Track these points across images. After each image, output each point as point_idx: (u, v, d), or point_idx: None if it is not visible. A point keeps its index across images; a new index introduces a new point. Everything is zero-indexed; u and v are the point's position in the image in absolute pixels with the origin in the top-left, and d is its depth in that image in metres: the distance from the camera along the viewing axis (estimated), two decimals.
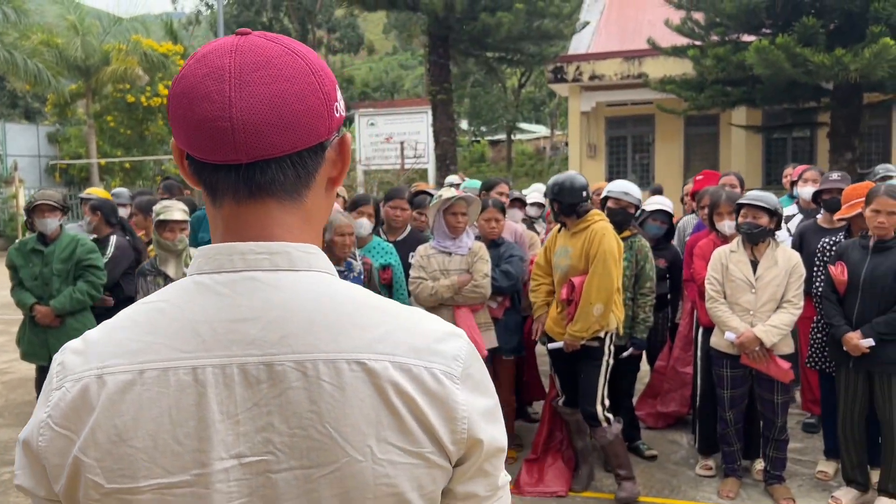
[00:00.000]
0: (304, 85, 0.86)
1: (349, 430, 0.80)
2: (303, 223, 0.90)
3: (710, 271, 4.13)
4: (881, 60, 11.37)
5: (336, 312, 0.84)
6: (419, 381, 0.82)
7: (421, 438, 0.82)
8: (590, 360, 4.13)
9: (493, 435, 0.88)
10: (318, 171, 0.91)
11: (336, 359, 0.81)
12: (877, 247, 3.80)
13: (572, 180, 4.16)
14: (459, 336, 0.89)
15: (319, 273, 0.88)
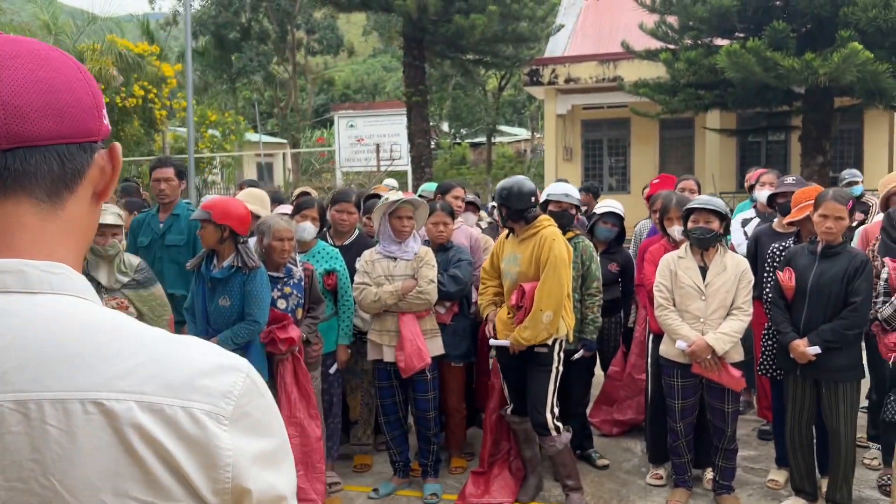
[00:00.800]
0: (72, 78, 0.80)
1: (77, 483, 0.69)
2: (60, 234, 0.79)
3: (659, 278, 4.05)
4: (849, 65, 11.42)
5: (77, 343, 0.73)
6: (173, 424, 0.72)
7: (172, 490, 0.72)
8: (538, 367, 4.03)
9: (268, 483, 0.77)
10: (85, 174, 0.81)
11: (67, 398, 0.70)
12: (825, 252, 3.74)
13: (520, 185, 4.06)
14: (236, 369, 0.78)
15: (63, 296, 0.77)
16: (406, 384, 4.25)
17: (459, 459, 4.68)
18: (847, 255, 3.69)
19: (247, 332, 3.60)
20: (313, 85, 39.94)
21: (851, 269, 3.63)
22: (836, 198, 3.68)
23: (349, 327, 4.43)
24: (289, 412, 3.86)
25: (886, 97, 12.57)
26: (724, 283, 3.89)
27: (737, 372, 3.87)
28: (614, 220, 4.98)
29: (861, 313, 3.60)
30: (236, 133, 28.21)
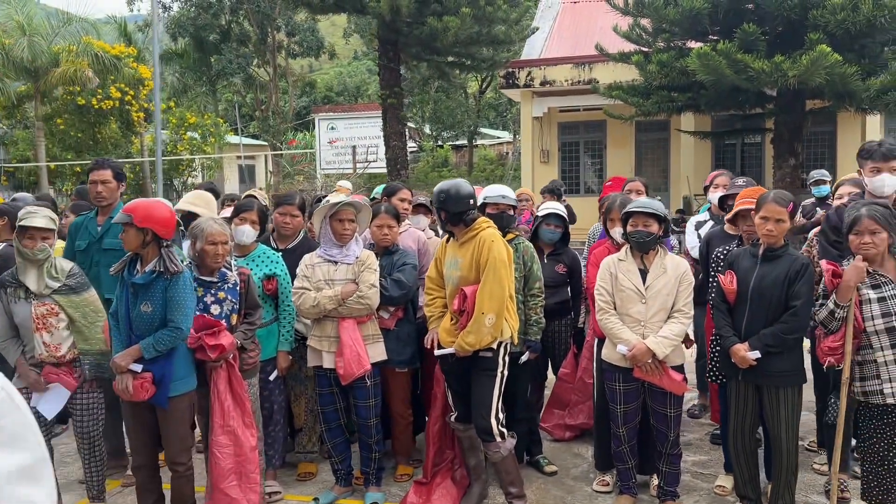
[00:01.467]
0: None
1: None
2: None
3: (599, 281, 3.99)
4: (818, 67, 11.46)
5: None
6: None
7: None
8: (483, 372, 3.96)
9: (24, 497, 0.72)
10: None
11: None
12: (766, 255, 3.69)
13: (458, 188, 3.98)
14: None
15: None
16: (347, 391, 4.16)
17: (406, 467, 4.59)
18: (788, 258, 3.64)
19: (169, 339, 3.50)
20: (294, 87, 39.76)
21: (792, 273, 3.58)
22: (776, 200, 3.64)
23: (290, 333, 4.33)
24: (222, 420, 3.76)
25: (855, 99, 12.63)
26: (664, 285, 3.83)
27: (678, 375, 3.81)
28: (557, 222, 4.92)
29: (801, 317, 3.55)
30: (216, 135, 28.01)
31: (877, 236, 3.40)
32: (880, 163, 3.78)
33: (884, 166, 3.78)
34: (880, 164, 3.78)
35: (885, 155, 3.77)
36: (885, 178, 3.78)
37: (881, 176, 3.79)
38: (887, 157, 3.76)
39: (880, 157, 3.79)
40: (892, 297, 3.39)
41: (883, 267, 3.46)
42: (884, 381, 3.40)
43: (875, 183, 3.82)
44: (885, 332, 3.39)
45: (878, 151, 3.79)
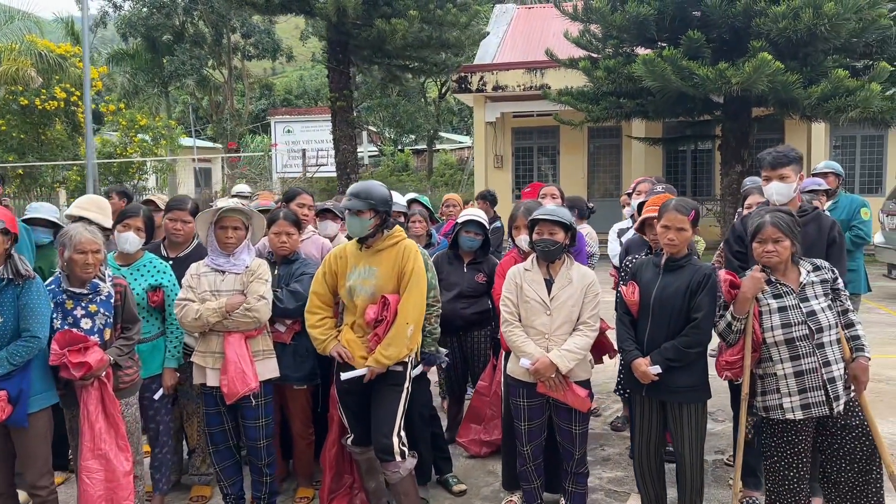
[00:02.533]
0: None
1: None
2: None
3: (505, 292, 3.80)
4: (760, 75, 11.51)
5: None
6: None
7: None
8: (390, 387, 3.74)
9: None
10: None
11: None
12: (668, 265, 3.54)
13: (368, 191, 3.78)
14: None
15: None
16: (235, 410, 3.90)
17: (307, 489, 4.34)
18: (691, 268, 3.50)
19: (25, 351, 3.22)
20: (251, 90, 39.16)
21: (694, 283, 3.44)
22: (677, 208, 3.49)
23: (178, 348, 4.06)
24: (92, 444, 3.48)
25: (798, 107, 12.74)
26: (570, 296, 3.66)
27: (582, 391, 3.64)
28: (476, 229, 4.74)
29: (702, 330, 3.40)
30: (167, 138, 27.38)
31: (780, 244, 3.27)
32: (769, 171, 3.65)
33: (772, 174, 3.64)
34: (769, 173, 3.66)
35: (771, 164, 3.64)
36: (773, 187, 3.65)
37: (770, 185, 3.67)
38: (774, 165, 3.63)
39: (768, 166, 3.64)
40: (794, 307, 3.26)
41: (786, 276, 3.33)
42: (783, 396, 3.26)
43: (766, 191, 3.70)
44: (785, 343, 3.25)
45: (766, 160, 3.67)
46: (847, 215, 5.87)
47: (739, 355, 3.35)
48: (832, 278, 3.33)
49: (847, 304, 3.36)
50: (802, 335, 3.23)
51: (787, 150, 3.67)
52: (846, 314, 3.35)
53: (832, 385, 3.23)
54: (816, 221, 3.69)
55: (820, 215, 3.73)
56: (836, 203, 6.11)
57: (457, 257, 4.92)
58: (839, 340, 3.29)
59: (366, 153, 38.23)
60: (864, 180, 17.71)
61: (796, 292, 3.29)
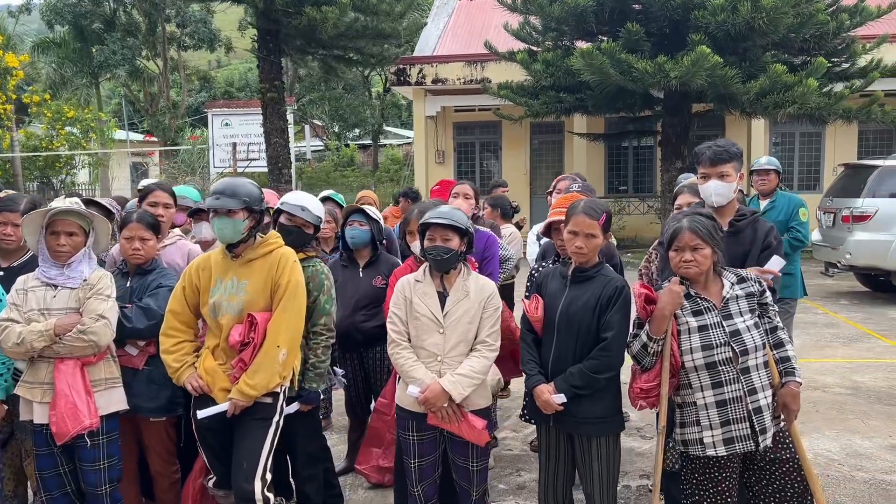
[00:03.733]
0: None
1: None
2: None
3: (392, 307, 3.27)
4: (699, 68, 11.27)
5: None
6: None
7: None
8: (256, 422, 3.18)
9: None
10: None
11: None
12: (576, 276, 3.07)
13: (239, 188, 3.21)
14: None
15: None
16: (72, 450, 3.28)
17: None
18: (601, 279, 3.02)
19: None
20: (188, 81, 37.79)
21: (604, 298, 2.97)
22: (587, 211, 3.02)
23: (4, 376, 3.40)
24: None
25: (737, 102, 12.57)
26: (466, 312, 3.15)
27: (479, 422, 3.13)
28: (361, 219, 4.17)
29: (612, 352, 2.93)
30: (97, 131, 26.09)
31: (699, 253, 2.82)
32: (707, 168, 3.21)
33: (711, 172, 3.20)
34: (707, 170, 3.22)
35: (711, 160, 3.17)
36: (712, 187, 3.21)
37: (708, 184, 3.22)
38: (714, 161, 3.19)
39: (707, 162, 3.18)
40: (716, 325, 2.81)
41: (706, 290, 2.89)
42: (704, 429, 2.81)
43: (704, 191, 3.27)
44: (706, 368, 2.81)
45: (705, 155, 3.20)
46: (785, 216, 5.53)
47: (656, 381, 2.89)
48: (759, 291, 2.90)
49: (776, 321, 2.93)
50: (725, 358, 2.79)
51: (728, 144, 3.22)
52: (775, 332, 2.92)
53: (758, 416, 2.79)
54: (753, 226, 3.26)
55: (758, 220, 3.30)
56: (773, 203, 5.77)
57: (351, 261, 4.37)
58: (767, 364, 2.86)
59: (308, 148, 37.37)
60: (803, 177, 17.78)
61: (718, 308, 2.84)
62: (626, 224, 16.64)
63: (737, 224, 3.24)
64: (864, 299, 10.45)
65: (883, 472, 4.39)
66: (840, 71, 13.53)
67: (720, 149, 3.17)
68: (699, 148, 3.28)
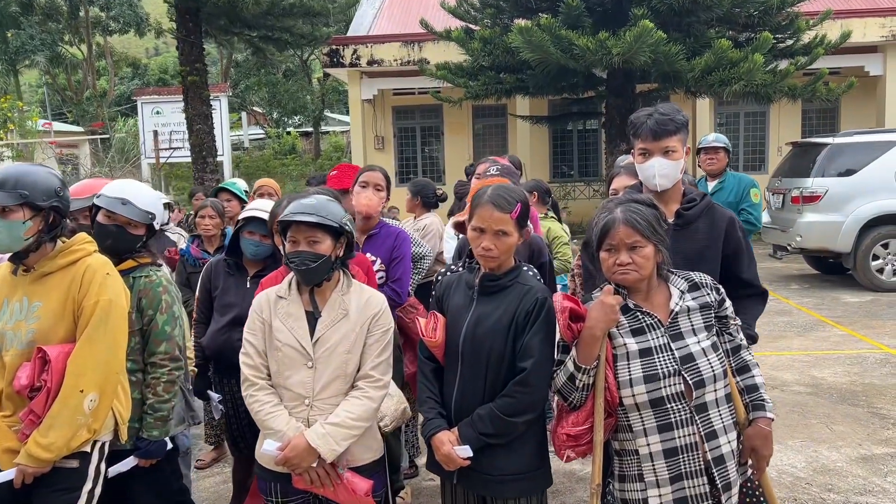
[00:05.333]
0: None
1: None
2: None
3: (247, 333, 2.50)
4: (642, 44, 10.71)
5: None
6: None
7: None
8: (57, 495, 2.38)
9: None
10: None
11: None
12: (484, 286, 2.36)
13: (21, 178, 2.40)
14: None
15: None
16: None
17: None
18: (518, 289, 2.32)
19: None
20: (117, 68, 35.93)
21: (521, 314, 2.26)
22: (495, 200, 2.30)
23: None
24: None
25: (682, 81, 12.07)
26: (344, 337, 2.41)
27: (362, 484, 2.39)
28: (263, 230, 3.39)
29: (532, 386, 2.23)
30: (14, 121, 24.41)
31: (638, 252, 2.13)
32: (649, 142, 2.48)
33: (654, 147, 2.49)
34: (649, 145, 2.49)
35: (654, 131, 2.46)
36: (656, 165, 2.48)
37: (650, 162, 2.51)
38: (658, 133, 2.46)
39: (649, 135, 2.48)
40: (662, 348, 2.13)
41: (649, 301, 2.20)
42: (649, 486, 2.13)
43: (644, 171, 2.56)
44: (650, 405, 2.12)
45: (646, 126, 2.48)
46: (735, 197, 4.96)
47: (587, 424, 2.19)
48: (717, 300, 2.23)
49: (739, 339, 2.27)
50: (675, 393, 2.11)
51: (673, 111, 2.51)
52: (738, 353, 2.26)
53: (720, 468, 2.12)
54: (709, 216, 2.58)
55: (713, 207, 2.63)
56: (722, 183, 5.20)
57: (238, 268, 3.59)
58: (729, 397, 2.20)
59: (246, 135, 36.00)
60: (748, 157, 17.52)
61: (665, 325, 2.16)
62: (571, 210, 16.10)
63: (686, 213, 2.56)
64: (815, 283, 10.09)
65: (857, 492, 3.83)
66: (785, 47, 13.17)
67: (664, 117, 2.48)
68: (636, 116, 2.57)
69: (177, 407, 2.90)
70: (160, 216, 2.76)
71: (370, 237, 3.67)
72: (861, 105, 16.12)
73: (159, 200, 2.79)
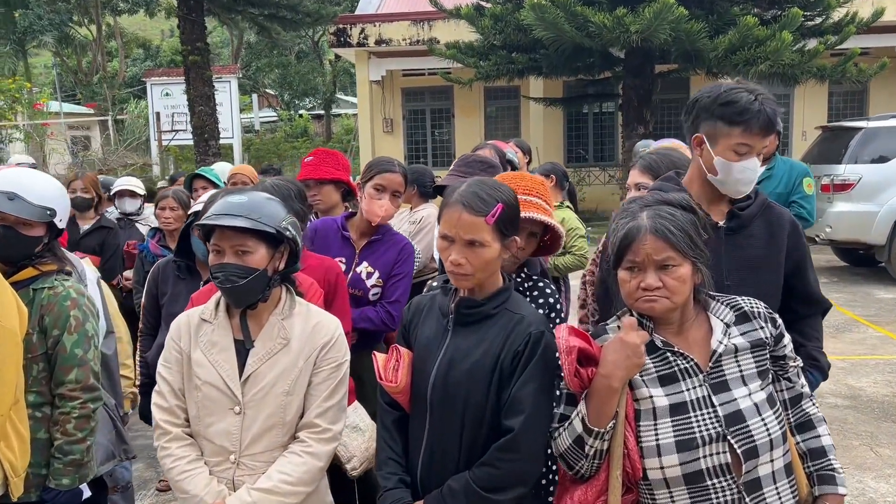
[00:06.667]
0: None
1: None
2: None
3: (161, 367, 1.97)
4: (662, 21, 10.04)
5: None
6: None
7: None
8: None
9: None
10: None
11: None
12: (461, 314, 1.80)
13: None
14: None
15: None
16: None
17: None
18: (505, 318, 1.76)
19: None
20: (125, 49, 35.52)
21: (508, 354, 1.72)
22: (466, 200, 1.74)
23: None
24: None
25: (704, 60, 11.39)
26: (283, 375, 1.88)
27: None
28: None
29: (524, 452, 1.68)
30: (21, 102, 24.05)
31: (671, 273, 1.58)
32: (757, 137, 1.86)
33: (758, 144, 1.87)
34: (754, 140, 1.86)
35: (765, 125, 1.84)
36: (755, 167, 1.90)
37: (749, 162, 1.88)
38: (770, 128, 1.86)
39: (760, 128, 1.85)
40: (702, 402, 1.59)
41: (684, 336, 1.66)
42: None
43: (735, 172, 1.90)
44: (684, 481, 1.58)
45: (762, 115, 1.83)
46: (785, 188, 4.31)
47: (599, 501, 1.63)
48: (773, 336, 1.67)
49: (800, 385, 1.72)
50: (719, 465, 1.56)
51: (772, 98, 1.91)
52: (799, 405, 1.71)
53: None
54: (765, 217, 2.02)
55: (771, 206, 2.05)
56: (770, 170, 4.45)
57: (189, 271, 3.06)
58: (790, 468, 1.64)
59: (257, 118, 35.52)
60: None
61: (705, 371, 1.60)
62: (586, 195, 15.48)
63: (742, 213, 1.99)
64: (845, 276, 9.45)
65: None
66: (813, 26, 12.42)
67: (774, 107, 1.87)
68: (734, 95, 1.86)
69: (102, 440, 2.39)
70: (62, 212, 2.22)
71: (370, 243, 3.02)
72: (891, 87, 15.31)
73: (61, 194, 2.25)
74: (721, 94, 1.89)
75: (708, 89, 1.94)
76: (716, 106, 1.89)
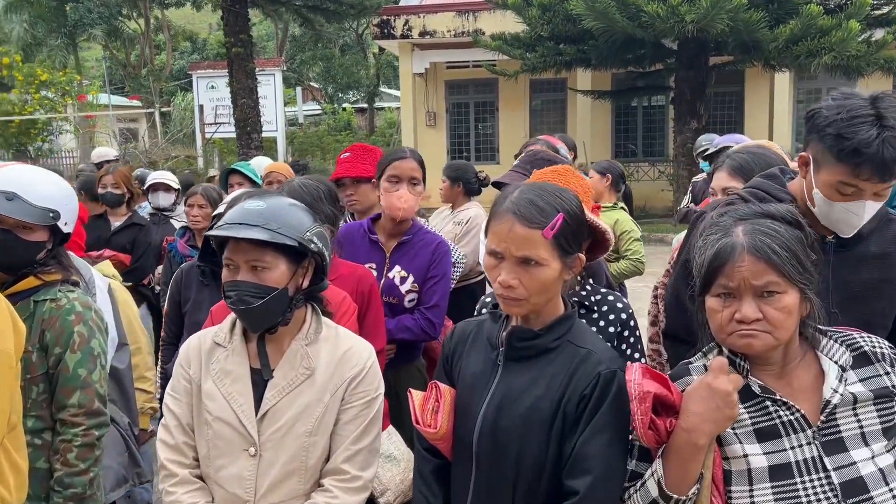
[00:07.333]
0: None
1: None
2: None
3: (168, 396, 1.73)
4: (719, 11, 9.58)
5: None
6: None
7: None
8: None
9: None
10: None
11: None
12: (513, 347, 1.51)
13: None
14: None
15: None
16: None
17: None
18: (569, 354, 1.47)
19: None
20: (172, 42, 35.99)
21: (573, 397, 1.43)
22: (520, 209, 1.44)
23: None
24: None
25: (762, 52, 10.86)
26: (307, 410, 1.63)
27: None
28: None
29: None
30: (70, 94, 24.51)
31: (774, 302, 1.29)
32: (870, 182, 1.56)
33: (872, 188, 1.58)
34: (867, 185, 1.57)
35: (881, 170, 1.54)
36: (868, 207, 1.61)
37: (860, 203, 1.60)
38: (883, 174, 1.55)
39: (878, 168, 1.54)
40: (811, 465, 1.29)
41: (787, 381, 1.35)
42: None
43: (839, 212, 1.63)
44: None
45: (873, 159, 1.52)
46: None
47: None
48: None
49: None
50: None
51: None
52: None
53: None
54: (882, 232, 1.71)
55: (892, 220, 1.74)
56: None
57: (214, 276, 2.84)
58: None
59: (300, 111, 35.64)
60: None
61: (815, 425, 1.29)
62: (634, 192, 14.99)
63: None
64: None
65: None
66: (881, 15, 11.73)
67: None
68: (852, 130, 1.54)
69: (112, 464, 2.18)
70: (68, 214, 2.00)
71: (400, 245, 2.77)
72: None
73: (67, 194, 2.03)
74: (839, 119, 1.56)
75: (834, 105, 1.58)
76: (828, 132, 1.56)
